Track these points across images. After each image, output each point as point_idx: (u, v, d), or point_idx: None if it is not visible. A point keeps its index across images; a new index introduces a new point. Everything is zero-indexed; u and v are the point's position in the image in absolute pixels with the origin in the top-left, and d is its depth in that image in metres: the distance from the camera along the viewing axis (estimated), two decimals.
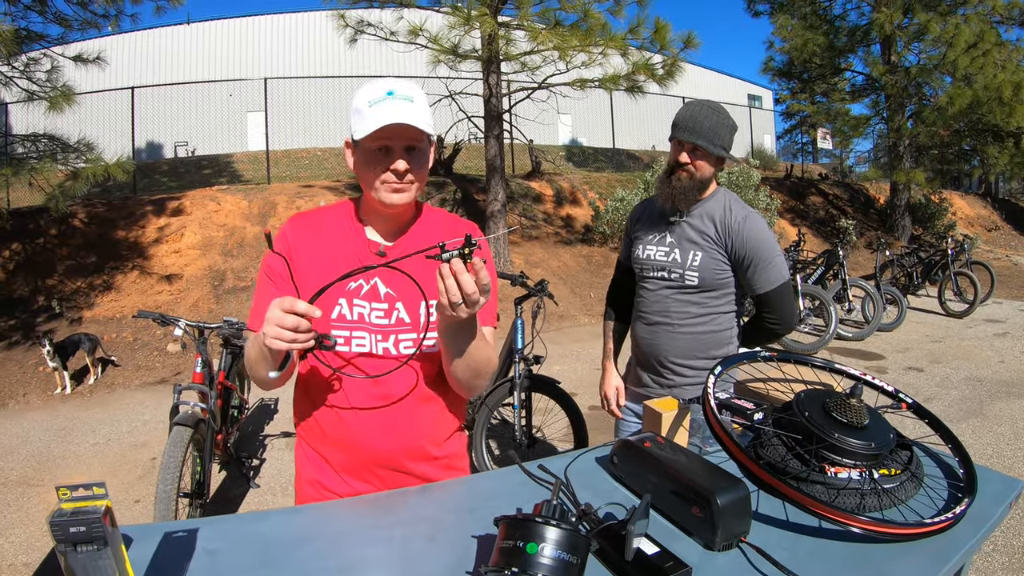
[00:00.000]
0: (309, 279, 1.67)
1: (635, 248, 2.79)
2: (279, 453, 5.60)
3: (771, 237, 2.60)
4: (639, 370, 2.86)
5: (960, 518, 1.39)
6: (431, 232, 1.78)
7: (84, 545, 0.95)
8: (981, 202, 24.08)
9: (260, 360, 1.57)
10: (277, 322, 1.41)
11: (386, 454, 1.73)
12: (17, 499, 4.91)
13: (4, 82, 9.61)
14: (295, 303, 1.42)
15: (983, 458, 5.03)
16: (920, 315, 10.98)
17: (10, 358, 8.30)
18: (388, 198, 1.65)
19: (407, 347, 1.71)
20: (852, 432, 1.50)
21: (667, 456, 1.47)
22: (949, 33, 15.13)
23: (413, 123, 1.57)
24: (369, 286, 1.72)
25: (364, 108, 1.60)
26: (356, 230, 1.78)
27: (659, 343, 2.72)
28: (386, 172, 1.63)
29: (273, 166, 16.12)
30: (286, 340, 1.42)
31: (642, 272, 2.76)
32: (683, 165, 2.53)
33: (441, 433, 1.83)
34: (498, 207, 11.66)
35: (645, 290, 2.77)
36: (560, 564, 1.06)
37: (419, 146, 1.66)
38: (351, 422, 1.71)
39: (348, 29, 11.21)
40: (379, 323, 1.71)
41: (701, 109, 2.52)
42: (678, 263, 2.64)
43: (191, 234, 11.41)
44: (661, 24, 10.69)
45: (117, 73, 16.92)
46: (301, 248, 1.74)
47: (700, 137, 2.47)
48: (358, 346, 1.70)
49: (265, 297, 1.69)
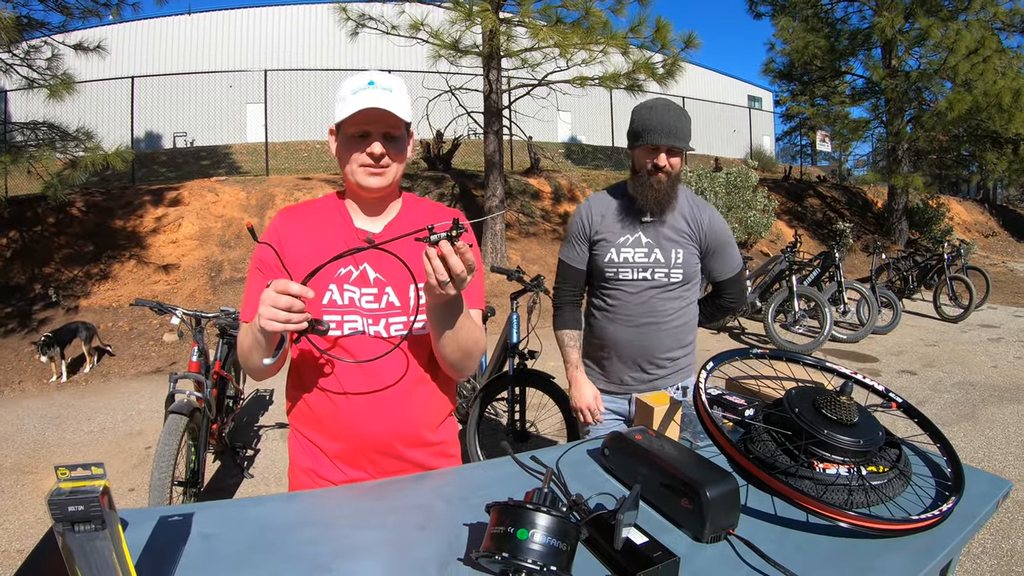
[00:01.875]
0: (300, 268, 1.70)
1: (603, 252, 2.72)
2: (273, 444, 5.61)
3: (728, 227, 2.81)
4: (621, 372, 2.82)
5: (947, 516, 1.40)
6: (417, 220, 1.82)
7: (82, 524, 0.95)
8: (979, 208, 24.12)
9: (255, 348, 1.60)
10: (271, 303, 1.45)
11: (380, 439, 1.75)
12: (11, 486, 4.91)
13: (4, 69, 9.60)
14: (288, 284, 1.45)
15: (974, 462, 5.05)
16: (915, 319, 11.00)
17: (5, 346, 8.30)
18: (365, 180, 1.73)
19: (398, 330, 1.75)
20: (841, 429, 1.52)
21: (658, 449, 1.48)
22: (950, 38, 15.15)
23: (390, 109, 1.66)
24: (359, 272, 1.76)
25: (347, 96, 1.69)
26: (344, 219, 1.83)
27: (649, 343, 2.74)
28: (362, 155, 1.71)
29: (272, 158, 16.10)
30: (280, 320, 1.45)
31: (617, 275, 2.71)
32: (661, 168, 2.55)
33: (435, 417, 1.86)
34: (496, 203, 11.66)
35: (624, 293, 2.72)
36: (550, 550, 1.07)
37: (396, 134, 1.74)
38: (344, 407, 1.73)
39: (349, 22, 11.21)
40: (369, 307, 1.74)
41: (667, 111, 2.54)
42: (662, 263, 2.67)
43: (189, 224, 11.40)
44: (662, 23, 10.71)
45: (117, 62, 16.91)
46: (291, 239, 1.78)
47: (674, 138, 2.51)
48: (350, 330, 1.73)
49: (256, 289, 1.73)
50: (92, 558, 0.98)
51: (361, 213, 1.84)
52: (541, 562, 1.06)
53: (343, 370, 1.73)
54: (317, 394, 1.76)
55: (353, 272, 1.75)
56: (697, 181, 13.13)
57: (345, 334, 1.72)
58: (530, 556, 1.06)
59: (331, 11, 11.23)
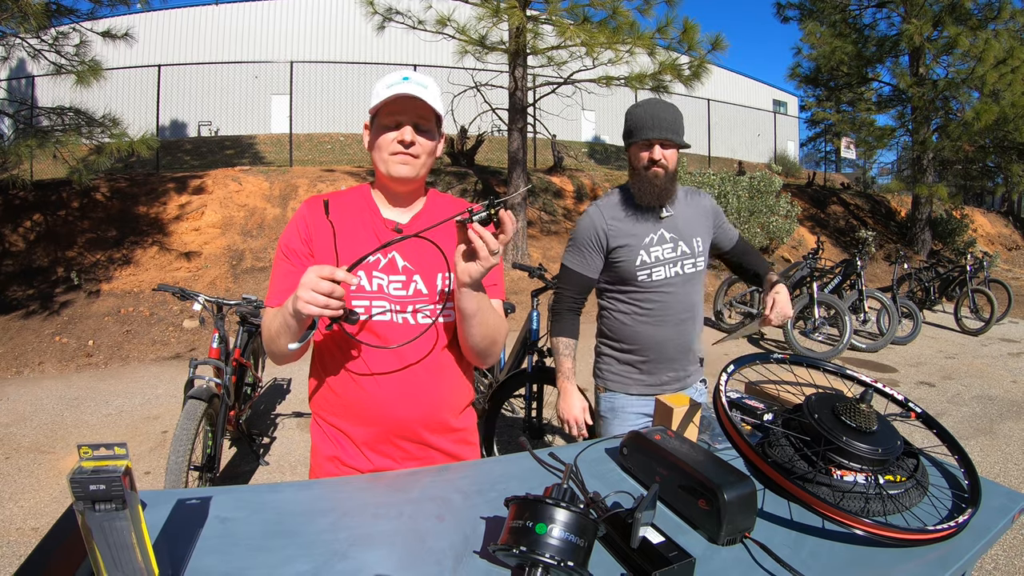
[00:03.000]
0: (327, 257, 1.75)
1: (631, 256, 2.68)
2: (290, 432, 5.64)
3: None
4: (661, 372, 2.78)
5: (963, 528, 1.39)
6: (441, 213, 1.85)
7: (102, 504, 0.96)
8: (1003, 220, 23.88)
9: (283, 331, 1.62)
10: (312, 287, 1.46)
11: (406, 423, 1.77)
12: (28, 465, 4.97)
13: (33, 55, 9.72)
14: (334, 270, 1.47)
15: (991, 476, 5.01)
16: (935, 330, 10.91)
17: (27, 327, 8.39)
18: (395, 169, 1.77)
19: (425, 317, 1.78)
20: (860, 436, 1.51)
21: (677, 449, 1.48)
22: (979, 47, 15.00)
23: (423, 97, 1.72)
24: (387, 260, 1.79)
25: (382, 90, 1.74)
26: (372, 209, 1.86)
27: (688, 337, 2.77)
28: (393, 143, 1.76)
29: (296, 149, 16.17)
30: (319, 305, 1.46)
31: (651, 276, 2.68)
32: (657, 162, 2.57)
33: (458, 402, 1.89)
34: (518, 200, 11.67)
35: (661, 293, 2.70)
36: (568, 546, 1.07)
37: (427, 125, 1.80)
38: (371, 389, 1.75)
39: (376, 16, 11.25)
40: (397, 294, 1.78)
41: (656, 107, 2.58)
42: (688, 254, 2.71)
43: (211, 213, 11.48)
44: (690, 24, 10.68)
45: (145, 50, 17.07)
46: (319, 227, 1.80)
47: (667, 131, 2.54)
48: (378, 315, 1.75)
49: (282, 275, 1.77)
50: (111, 537, 0.99)
51: (388, 205, 1.88)
52: (559, 557, 1.06)
53: (370, 353, 1.75)
54: (344, 378, 1.78)
55: (381, 260, 1.78)
56: (720, 184, 13.07)
57: (373, 320, 1.75)
58: (548, 551, 1.06)
59: (358, 5, 11.27)
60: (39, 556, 1.15)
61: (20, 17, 8.36)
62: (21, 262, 9.80)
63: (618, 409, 2.84)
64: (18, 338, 8.11)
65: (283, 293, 1.72)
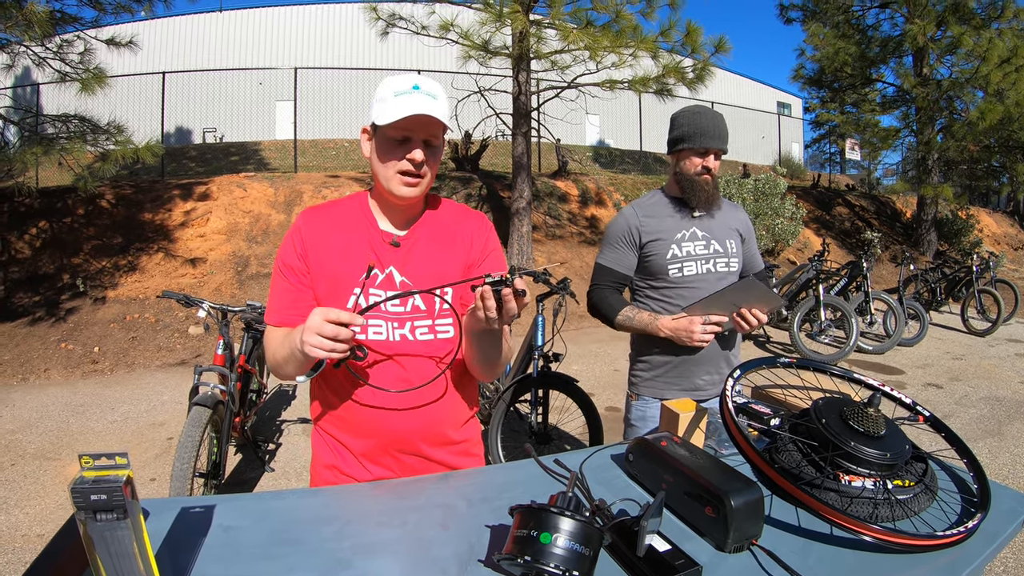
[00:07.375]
0: (324, 270, 1.73)
1: (662, 250, 2.70)
2: (295, 439, 5.64)
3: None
4: (695, 375, 2.75)
5: (972, 533, 1.38)
6: (442, 222, 1.85)
7: (104, 513, 0.96)
8: (1008, 220, 23.81)
9: (290, 360, 1.62)
10: (317, 330, 1.45)
11: (405, 437, 1.75)
12: (34, 471, 4.97)
13: (37, 63, 9.75)
14: (340, 314, 1.46)
15: (999, 479, 4.98)
16: (942, 331, 10.87)
17: (33, 334, 8.40)
18: (400, 190, 1.70)
19: (423, 333, 1.75)
20: (868, 441, 1.50)
21: (683, 456, 1.47)
22: (982, 47, 14.93)
23: (437, 116, 1.62)
24: (384, 275, 1.75)
25: (389, 97, 1.64)
26: (369, 220, 1.81)
27: (724, 337, 2.77)
28: (403, 161, 1.68)
29: (300, 155, 16.20)
30: (325, 349, 1.46)
31: (682, 271, 2.70)
32: (709, 169, 2.67)
33: (459, 415, 1.87)
34: (523, 204, 11.68)
35: (693, 290, 2.69)
36: (572, 555, 1.07)
37: (436, 142, 1.72)
38: (370, 403, 1.73)
39: (380, 22, 11.27)
40: (394, 311, 1.74)
41: (712, 116, 2.67)
42: (721, 253, 2.75)
43: (216, 219, 11.50)
44: (693, 27, 10.67)
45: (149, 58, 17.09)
46: (315, 241, 1.77)
47: (722, 141, 2.66)
48: (375, 334, 1.72)
49: (280, 292, 1.76)
50: (113, 547, 0.98)
51: (387, 214, 1.83)
52: (564, 567, 1.05)
53: (371, 367, 1.73)
54: (343, 391, 1.76)
55: (378, 276, 1.74)
56: (725, 187, 13.08)
57: (370, 339, 1.72)
58: (552, 560, 1.05)
59: (362, 10, 11.30)
60: (43, 563, 1.14)
61: (25, 25, 8.38)
62: (27, 269, 9.83)
63: (648, 418, 2.82)
64: (24, 345, 8.13)
65: (282, 310, 1.73)
